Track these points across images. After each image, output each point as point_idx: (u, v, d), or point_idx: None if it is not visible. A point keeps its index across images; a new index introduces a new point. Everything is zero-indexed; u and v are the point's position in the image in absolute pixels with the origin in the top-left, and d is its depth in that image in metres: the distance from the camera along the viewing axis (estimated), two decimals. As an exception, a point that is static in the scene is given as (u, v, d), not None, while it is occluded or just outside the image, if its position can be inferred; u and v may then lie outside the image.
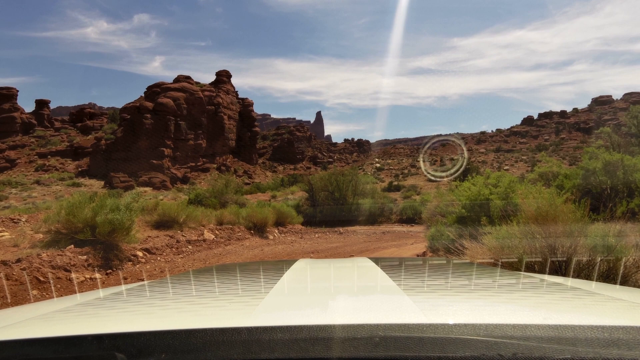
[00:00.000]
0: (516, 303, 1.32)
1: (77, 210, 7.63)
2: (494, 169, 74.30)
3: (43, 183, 54.90)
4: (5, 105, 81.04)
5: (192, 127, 76.56)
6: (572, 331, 0.88)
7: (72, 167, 66.53)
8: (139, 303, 1.41)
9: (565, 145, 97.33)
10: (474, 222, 6.88)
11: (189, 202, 30.48)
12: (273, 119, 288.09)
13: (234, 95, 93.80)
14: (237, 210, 14.89)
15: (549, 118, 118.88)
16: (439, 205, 11.31)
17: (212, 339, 0.87)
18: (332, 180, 29.57)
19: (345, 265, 2.44)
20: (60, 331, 1.03)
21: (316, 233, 17.74)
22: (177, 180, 68.78)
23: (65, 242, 7.62)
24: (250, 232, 14.15)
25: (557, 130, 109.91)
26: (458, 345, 0.84)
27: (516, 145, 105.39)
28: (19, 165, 68.24)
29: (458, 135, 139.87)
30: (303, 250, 12.59)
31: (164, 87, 76.28)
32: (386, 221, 29.49)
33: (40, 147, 74.11)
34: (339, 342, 0.86)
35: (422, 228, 25.36)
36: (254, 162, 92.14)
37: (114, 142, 67.21)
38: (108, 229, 7.55)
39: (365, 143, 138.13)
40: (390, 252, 12.92)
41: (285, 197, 37.45)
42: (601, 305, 1.31)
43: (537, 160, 78.37)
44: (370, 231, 22.02)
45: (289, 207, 19.37)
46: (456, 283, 1.72)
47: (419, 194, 39.61)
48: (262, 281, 1.76)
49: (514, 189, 7.28)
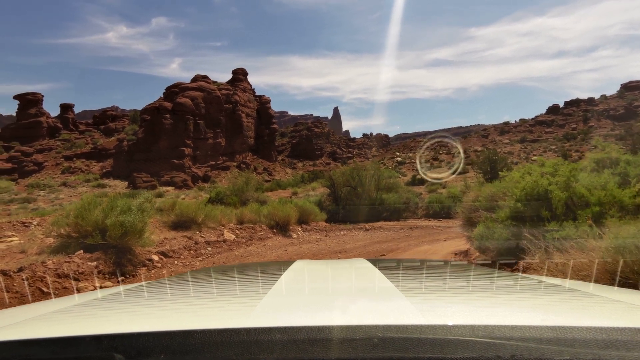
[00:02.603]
0: (514, 304, 1.31)
1: (86, 212, 7.03)
2: (521, 159, 71.71)
3: (69, 185, 55.93)
4: (32, 110, 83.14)
5: (210, 126, 76.76)
6: (571, 332, 0.88)
7: (97, 169, 67.70)
8: (138, 304, 1.40)
9: (595, 134, 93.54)
10: (532, 219, 5.89)
11: (210, 201, 30.22)
12: (290, 116, 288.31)
13: (250, 93, 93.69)
14: (258, 209, 14.15)
15: (576, 106, 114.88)
16: (478, 198, 10.27)
17: (211, 340, 0.87)
18: (354, 175, 28.79)
19: (343, 267, 2.44)
20: (59, 332, 1.03)
21: (341, 230, 16.88)
22: (199, 179, 69.08)
23: (75, 247, 7.03)
24: (272, 231, 13.40)
25: (585, 118, 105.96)
26: (456, 347, 0.84)
27: (542, 135, 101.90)
28: (47, 168, 69.87)
29: (479, 127, 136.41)
30: (329, 249, 11.77)
31: (182, 87, 76.69)
32: (412, 216, 28.52)
33: (66, 150, 75.71)
34: (338, 343, 0.86)
35: (451, 223, 24.27)
36: (273, 159, 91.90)
37: (136, 143, 67.95)
38: (119, 232, 6.91)
39: (384, 137, 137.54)
40: (424, 250, 11.95)
41: (306, 193, 36.81)
42: (599, 306, 1.30)
43: (566, 149, 75.41)
44: (396, 227, 21.03)
45: (311, 203, 18.56)
46: (454, 284, 1.70)
47: (445, 187, 38.17)
48: (261, 282, 1.74)
49: (576, 177, 6.23)
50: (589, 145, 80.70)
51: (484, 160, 42.99)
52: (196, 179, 68.11)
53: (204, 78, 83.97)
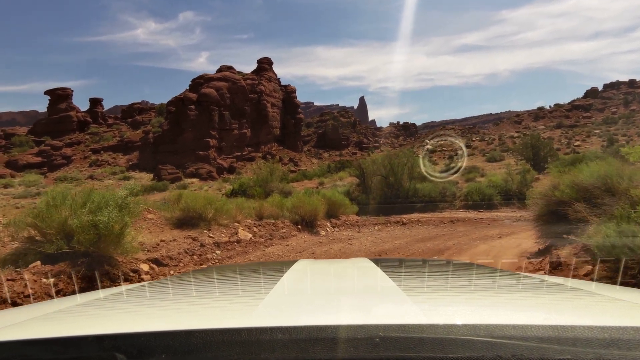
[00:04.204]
0: (516, 303, 1.30)
1: (49, 210, 5.28)
2: (562, 146, 67.10)
3: (96, 177, 56.06)
4: (62, 105, 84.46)
5: (235, 117, 75.60)
6: (572, 332, 0.88)
7: (124, 161, 67.89)
8: (139, 304, 1.39)
9: (638, 117, 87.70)
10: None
11: (233, 192, 28.82)
12: (316, 106, 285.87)
13: (276, 83, 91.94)
14: (281, 201, 12.19)
15: (616, 89, 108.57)
16: (560, 186, 7.96)
17: (212, 340, 0.87)
18: (386, 163, 26.76)
19: (346, 266, 2.43)
20: (60, 332, 1.03)
21: (375, 225, 14.77)
22: (224, 170, 68.19)
23: (34, 255, 5.33)
24: (297, 228, 11.41)
25: (626, 101, 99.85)
26: (458, 346, 0.84)
27: (580, 120, 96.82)
28: (75, 161, 70.67)
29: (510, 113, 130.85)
30: (366, 249, 9.73)
31: (207, 78, 75.73)
32: (449, 207, 26.16)
33: (93, 144, 76.46)
34: (340, 342, 0.86)
35: (495, 215, 21.77)
36: (299, 149, 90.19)
37: (161, 135, 67.58)
38: (91, 236, 5.14)
39: (412, 126, 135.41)
40: (483, 251, 9.68)
41: (333, 183, 34.87)
42: (601, 305, 1.29)
43: (612, 134, 70.04)
44: (435, 220, 18.69)
45: (341, 194, 16.47)
46: (456, 283, 1.69)
47: (483, 175, 35.21)
48: (263, 282, 1.73)
49: None
50: (637, 129, 75.01)
51: (526, 146, 39.72)
52: (221, 171, 67.21)
53: (229, 69, 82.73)
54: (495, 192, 26.06)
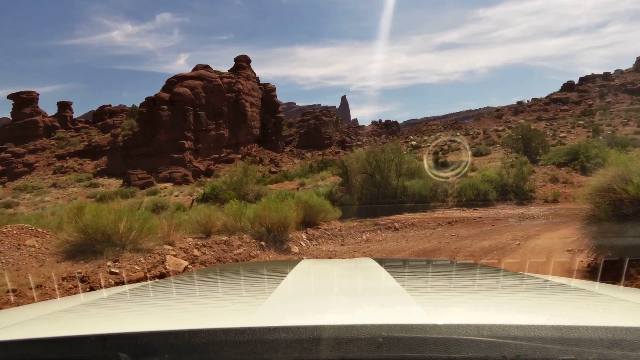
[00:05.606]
0: (520, 304, 1.30)
1: None
2: (548, 137, 66.07)
3: (60, 186, 51.92)
4: (26, 109, 79.52)
5: (212, 117, 72.08)
6: (576, 332, 0.88)
7: (91, 167, 63.63)
8: (143, 303, 1.39)
9: (615, 109, 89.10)
10: None
11: (204, 197, 25.85)
12: (298, 107, 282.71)
13: (255, 81, 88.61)
14: (239, 209, 9.26)
15: (592, 82, 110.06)
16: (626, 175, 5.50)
17: (216, 339, 0.88)
18: (371, 159, 24.11)
19: (349, 266, 2.40)
20: (64, 331, 1.03)
21: (363, 233, 12.07)
22: (201, 173, 64.63)
23: None
24: (259, 245, 8.50)
25: (602, 93, 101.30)
26: (461, 346, 0.85)
27: (558, 113, 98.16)
28: (38, 169, 66.04)
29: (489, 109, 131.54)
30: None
31: (181, 77, 72.02)
32: (441, 205, 23.76)
33: (59, 149, 71.81)
34: (343, 342, 0.86)
35: (494, 212, 19.41)
36: (280, 149, 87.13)
37: (132, 137, 63.62)
38: None
39: (394, 124, 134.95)
40: (514, 265, 7.06)
41: (315, 184, 32.16)
42: (605, 306, 1.29)
43: (597, 124, 69.36)
44: (430, 221, 16.10)
45: (321, 197, 13.71)
46: (460, 284, 1.68)
47: (475, 170, 32.98)
48: (266, 281, 1.72)
49: None
50: (621, 119, 74.78)
51: (517, 137, 37.83)
52: (198, 174, 63.64)
53: (205, 67, 79.08)
54: (491, 187, 23.99)
